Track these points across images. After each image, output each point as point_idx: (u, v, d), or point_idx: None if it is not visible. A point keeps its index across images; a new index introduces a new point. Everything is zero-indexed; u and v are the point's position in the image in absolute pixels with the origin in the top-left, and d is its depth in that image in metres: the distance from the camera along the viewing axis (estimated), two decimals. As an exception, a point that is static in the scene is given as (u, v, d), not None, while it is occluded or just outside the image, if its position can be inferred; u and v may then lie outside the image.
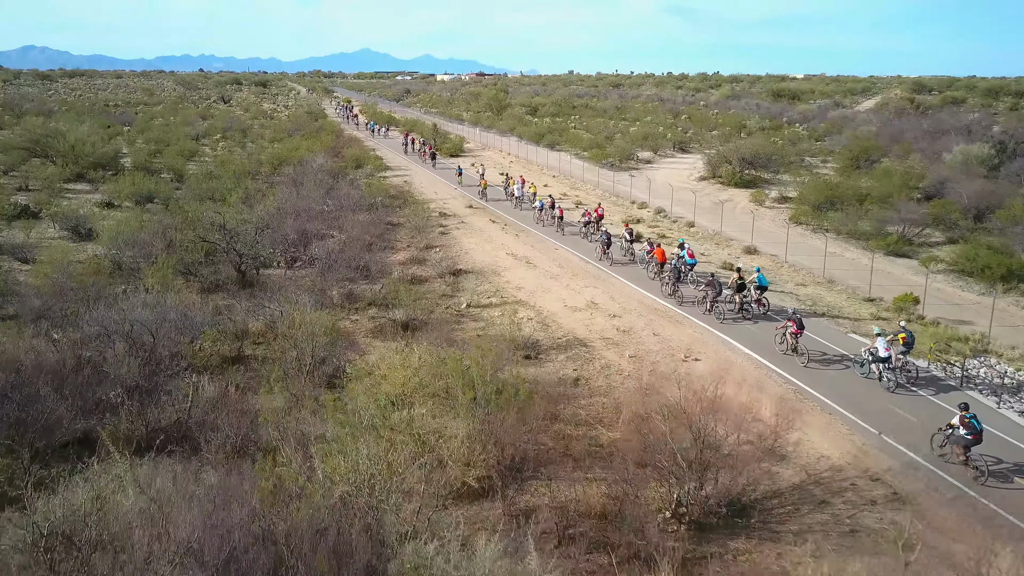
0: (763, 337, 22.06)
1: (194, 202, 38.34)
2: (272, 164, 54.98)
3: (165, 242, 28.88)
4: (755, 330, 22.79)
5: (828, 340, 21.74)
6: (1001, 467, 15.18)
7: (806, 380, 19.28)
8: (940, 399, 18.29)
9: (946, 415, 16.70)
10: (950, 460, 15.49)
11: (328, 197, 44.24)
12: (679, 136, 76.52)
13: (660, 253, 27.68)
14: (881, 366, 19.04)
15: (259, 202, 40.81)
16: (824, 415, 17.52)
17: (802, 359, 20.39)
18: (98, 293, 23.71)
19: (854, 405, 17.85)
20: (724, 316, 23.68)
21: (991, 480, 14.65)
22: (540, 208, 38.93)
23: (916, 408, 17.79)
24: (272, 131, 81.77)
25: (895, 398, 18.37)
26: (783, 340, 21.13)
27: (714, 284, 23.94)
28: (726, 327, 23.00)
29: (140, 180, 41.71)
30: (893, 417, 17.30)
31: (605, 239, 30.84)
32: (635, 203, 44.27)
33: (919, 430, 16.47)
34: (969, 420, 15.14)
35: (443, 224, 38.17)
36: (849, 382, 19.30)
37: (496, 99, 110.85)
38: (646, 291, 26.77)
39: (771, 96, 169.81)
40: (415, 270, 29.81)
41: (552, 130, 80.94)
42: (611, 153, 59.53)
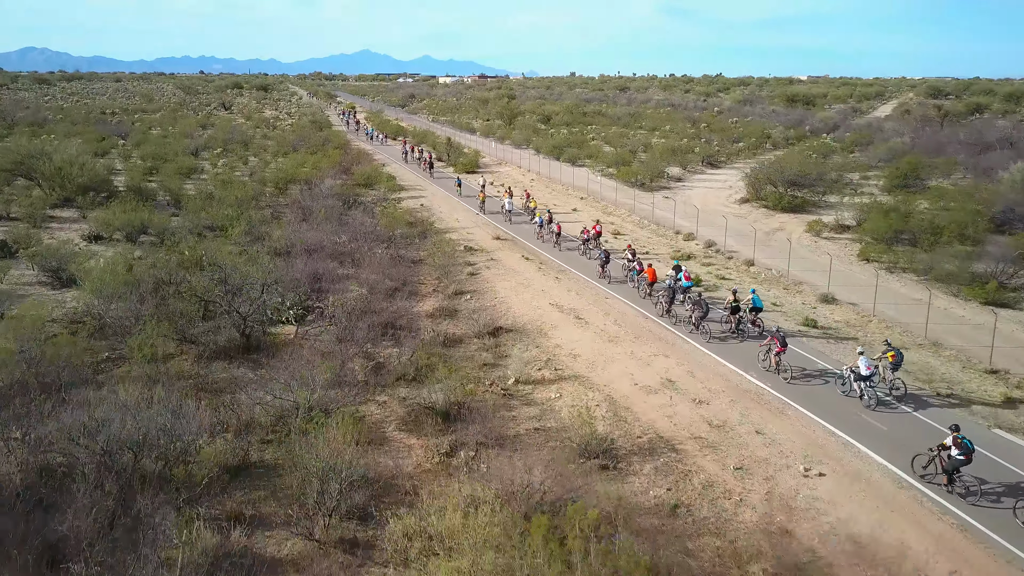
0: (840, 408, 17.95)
1: (191, 236, 34.21)
2: (277, 184, 50.86)
3: (156, 299, 24.73)
4: (828, 397, 18.67)
5: (989, 450, 17.15)
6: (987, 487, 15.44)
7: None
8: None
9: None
10: (933, 481, 15.82)
11: (341, 227, 40.14)
12: (707, 150, 72.29)
13: (651, 273, 28.32)
14: (863, 384, 19.42)
15: (264, 235, 36.74)
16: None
17: (785, 375, 21.09)
18: (72, 376, 19.58)
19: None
20: (711, 336, 24.21)
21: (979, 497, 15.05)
22: (540, 224, 38.89)
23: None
24: (275, 142, 77.68)
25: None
26: (766, 358, 21.77)
27: (701, 304, 24.54)
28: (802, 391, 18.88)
29: (131, 209, 37.53)
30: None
31: (603, 257, 31.39)
32: (679, 233, 40.04)
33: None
34: (962, 441, 15.36)
35: (470, 261, 33.99)
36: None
37: (508, 108, 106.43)
38: (721, 358, 22.64)
39: (785, 101, 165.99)
40: (447, 326, 25.63)
41: (570, 142, 76.78)
42: (640, 171, 55.33)
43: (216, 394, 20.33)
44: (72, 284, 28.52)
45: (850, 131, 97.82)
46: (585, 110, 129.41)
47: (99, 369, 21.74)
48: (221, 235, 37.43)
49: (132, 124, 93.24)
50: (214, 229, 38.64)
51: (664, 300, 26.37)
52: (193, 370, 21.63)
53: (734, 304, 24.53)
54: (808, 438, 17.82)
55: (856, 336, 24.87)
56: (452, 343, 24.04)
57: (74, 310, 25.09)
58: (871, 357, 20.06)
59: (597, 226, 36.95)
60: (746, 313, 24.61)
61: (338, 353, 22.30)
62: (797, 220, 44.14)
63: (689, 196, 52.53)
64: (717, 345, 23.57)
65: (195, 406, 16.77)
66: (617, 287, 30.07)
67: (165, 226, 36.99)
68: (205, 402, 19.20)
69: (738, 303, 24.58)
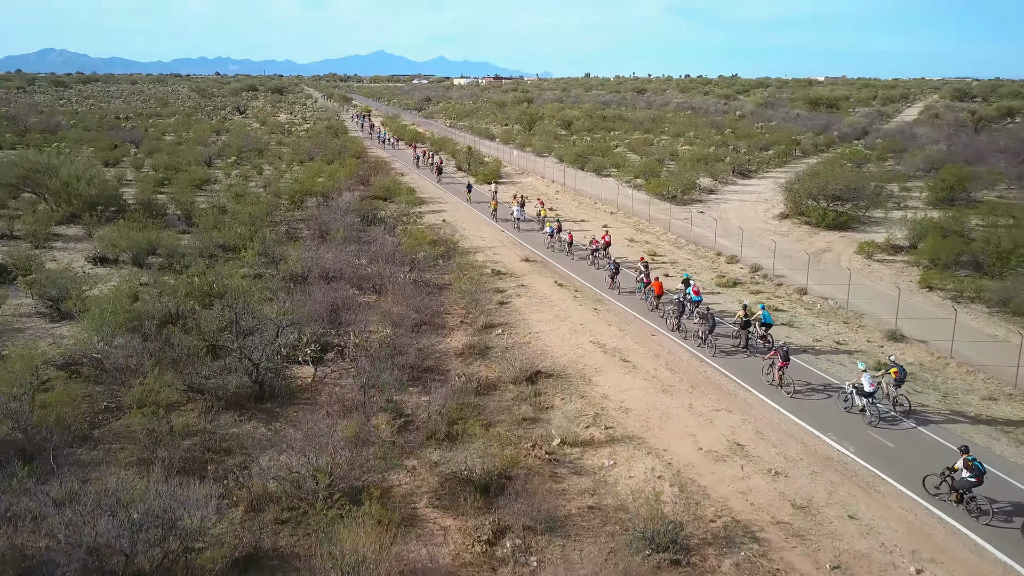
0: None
1: (202, 260, 32.06)
2: (292, 198, 48.75)
3: (161, 339, 22.53)
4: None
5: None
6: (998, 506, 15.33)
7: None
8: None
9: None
10: (945, 500, 15.77)
11: (360, 246, 37.93)
12: (737, 159, 69.46)
13: (658, 286, 28.32)
14: (865, 400, 19.42)
15: (279, 257, 34.58)
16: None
17: (787, 389, 21.18)
18: (65, 436, 17.41)
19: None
20: (717, 350, 24.27)
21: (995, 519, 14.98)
22: (551, 234, 39.02)
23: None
24: (290, 150, 75.79)
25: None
26: (769, 371, 21.95)
27: (708, 318, 24.57)
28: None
29: (139, 228, 35.51)
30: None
31: (613, 268, 31.77)
32: (721, 255, 37.37)
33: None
34: (972, 463, 15.32)
35: (500, 288, 31.59)
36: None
37: (527, 113, 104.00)
38: (793, 415, 20.11)
39: (807, 104, 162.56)
40: (479, 367, 23.24)
41: (593, 150, 74.23)
42: (671, 184, 52.70)
43: (225, 455, 18.09)
44: (72, 316, 26.43)
45: (881, 137, 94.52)
46: (605, 114, 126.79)
47: (96, 422, 19.57)
48: (234, 256, 35.39)
49: (145, 130, 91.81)
50: (227, 249, 36.59)
51: (673, 314, 26.34)
52: (199, 424, 19.38)
53: (744, 319, 24.54)
54: (910, 523, 15.25)
55: (941, 388, 22.22)
56: (486, 389, 21.63)
57: (71, 350, 22.91)
58: (873, 373, 20.26)
59: (607, 236, 36.75)
60: (756, 328, 24.70)
61: (360, 404, 19.97)
62: (844, 239, 41.38)
63: (724, 210, 49.87)
64: (794, 402, 20.87)
65: (200, 483, 14.49)
66: (647, 313, 27.59)
67: (175, 247, 34.91)
68: (212, 468, 16.96)
69: (748, 318, 24.57)
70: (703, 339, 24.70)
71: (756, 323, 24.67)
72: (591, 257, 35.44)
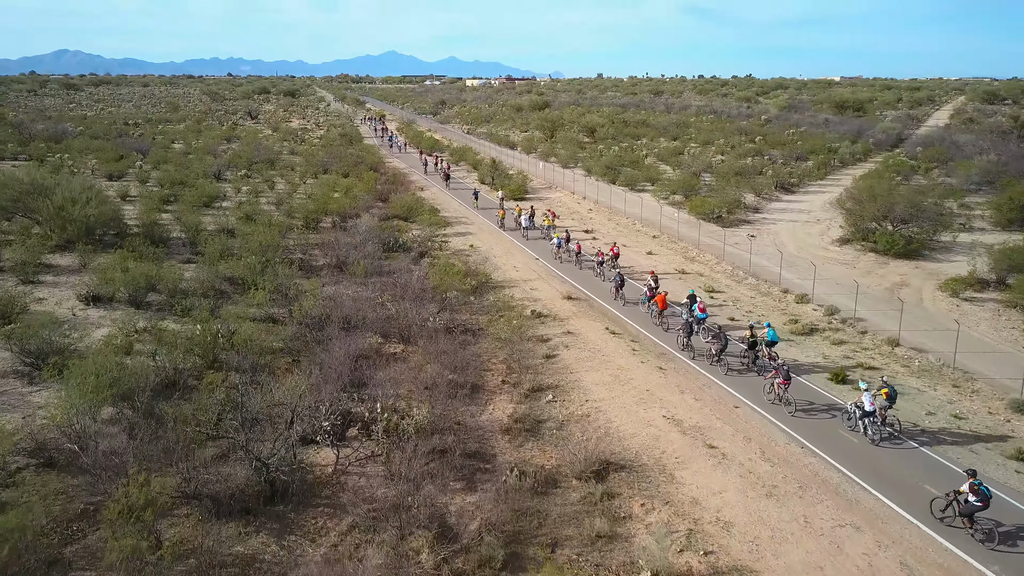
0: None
1: (206, 301, 28.30)
2: (307, 218, 45.06)
3: (153, 423, 18.76)
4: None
5: None
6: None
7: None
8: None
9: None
10: (952, 525, 15.69)
11: (382, 277, 34.22)
12: (778, 171, 65.10)
13: (661, 300, 28.53)
14: (866, 420, 19.74)
15: (292, 292, 30.83)
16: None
17: (789, 408, 21.22)
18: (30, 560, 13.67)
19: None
20: (729, 368, 24.33)
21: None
22: (558, 245, 39.29)
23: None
24: (304, 160, 72.22)
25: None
26: (771, 390, 22.03)
27: (720, 337, 24.72)
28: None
29: (137, 261, 31.90)
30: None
31: (618, 280, 31.84)
32: (788, 292, 33.17)
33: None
34: (978, 487, 15.22)
35: (543, 336, 27.62)
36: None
37: (548, 120, 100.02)
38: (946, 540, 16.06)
39: (833, 107, 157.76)
40: (531, 451, 19.34)
41: (621, 160, 70.15)
42: (715, 203, 48.52)
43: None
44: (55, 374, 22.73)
45: (920, 145, 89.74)
46: (626, 118, 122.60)
47: (69, 536, 15.82)
48: (243, 292, 31.71)
49: (153, 139, 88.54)
50: (235, 282, 32.92)
51: (683, 334, 26.11)
52: (196, 538, 15.59)
53: (751, 339, 24.59)
54: None
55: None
56: (544, 486, 17.70)
57: (45, 431, 19.15)
58: (875, 392, 20.14)
59: (615, 248, 37.16)
60: (762, 347, 24.72)
61: (393, 507, 16.08)
62: (919, 270, 37.14)
63: (775, 233, 45.69)
64: (942, 528, 16.62)
65: None
66: (724, 375, 23.62)
67: (177, 282, 31.20)
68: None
69: (755, 338, 24.66)
70: (716, 358, 24.65)
71: (762, 342, 24.72)
72: (597, 269, 35.81)
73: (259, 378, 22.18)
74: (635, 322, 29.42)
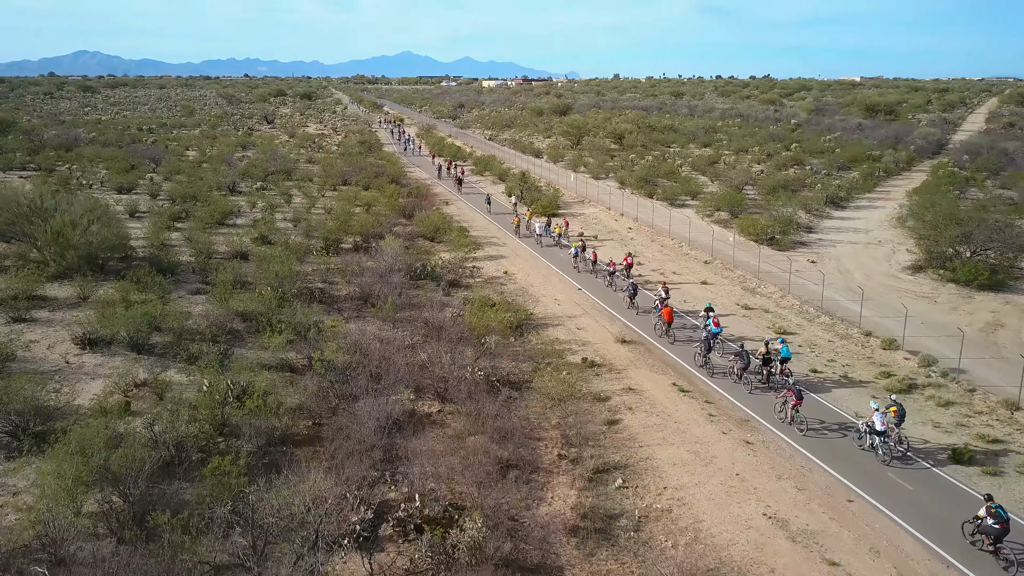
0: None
1: (213, 357, 24.88)
2: (327, 242, 41.71)
3: (144, 534, 15.35)
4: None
5: None
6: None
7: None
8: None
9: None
10: (982, 549, 15.62)
11: (412, 313, 30.78)
12: (826, 185, 60.92)
13: (667, 313, 28.49)
14: (877, 439, 19.47)
15: (312, 331, 27.43)
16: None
17: (800, 428, 21.14)
18: None
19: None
20: (753, 387, 23.97)
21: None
22: (575, 255, 39.35)
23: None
24: (322, 170, 69.06)
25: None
26: (782, 409, 21.89)
27: (743, 356, 24.33)
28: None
29: (139, 293, 28.63)
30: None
31: (631, 289, 32.41)
32: (871, 335, 29.17)
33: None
34: (995, 510, 15.29)
35: (601, 393, 23.94)
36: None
37: (574, 126, 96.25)
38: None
39: (863, 111, 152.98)
40: (606, 565, 15.72)
41: (656, 170, 66.29)
42: (768, 223, 44.56)
43: None
44: (41, 441, 19.43)
45: (964, 152, 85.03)
46: (652, 123, 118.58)
47: None
48: (257, 330, 28.39)
49: (166, 146, 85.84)
50: (249, 319, 29.59)
51: (701, 351, 25.99)
52: None
53: (766, 355, 24.38)
54: None
55: None
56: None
57: (14, 540, 15.77)
58: (884, 411, 19.87)
59: (629, 258, 37.45)
60: (776, 363, 24.48)
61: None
62: (1010, 306, 33.08)
63: (836, 257, 41.70)
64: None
65: None
66: (827, 455, 19.88)
67: (184, 322, 27.89)
68: None
69: (770, 354, 24.43)
70: (738, 377, 24.45)
71: (776, 358, 24.44)
72: (608, 279, 35.82)
73: (274, 460, 18.80)
74: (705, 376, 25.62)
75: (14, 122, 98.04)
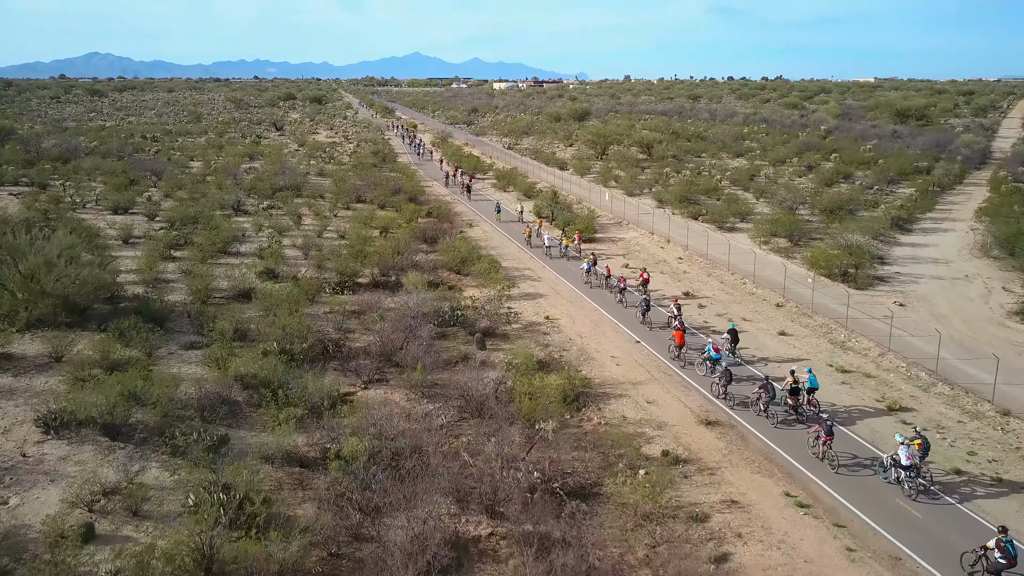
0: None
1: (205, 458, 19.92)
2: (341, 278, 36.77)
3: None
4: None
5: None
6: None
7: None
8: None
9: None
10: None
11: (443, 371, 25.81)
12: (891, 206, 55.32)
13: (679, 336, 28.08)
14: (903, 473, 18.86)
15: (329, 418, 22.47)
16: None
17: (832, 464, 20.31)
18: None
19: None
20: (777, 421, 22.99)
21: None
22: (587, 270, 38.73)
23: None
24: (334, 184, 64.25)
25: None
26: (814, 444, 20.98)
27: (768, 388, 23.35)
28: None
29: (117, 379, 23.60)
30: None
31: (644, 305, 32.13)
32: (1009, 414, 23.83)
33: None
34: (1005, 544, 14.94)
35: (695, 509, 18.72)
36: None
37: (600, 135, 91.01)
38: None
39: (893, 116, 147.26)
40: None
41: (695, 187, 60.97)
42: (842, 257, 39.09)
43: None
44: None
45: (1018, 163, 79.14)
46: (676, 130, 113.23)
47: None
48: (259, 400, 23.49)
49: (171, 155, 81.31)
50: (250, 385, 24.67)
51: (721, 382, 24.79)
52: None
53: (794, 386, 23.42)
54: None
55: None
56: None
57: None
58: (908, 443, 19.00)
59: (644, 274, 36.97)
60: (803, 393, 23.58)
61: None
62: None
63: (925, 296, 36.29)
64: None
65: None
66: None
67: (171, 396, 22.90)
68: None
69: (798, 384, 23.45)
70: (763, 409, 23.39)
71: (804, 388, 23.56)
72: (619, 295, 35.29)
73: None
74: (827, 482, 20.37)
75: (13, 131, 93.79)
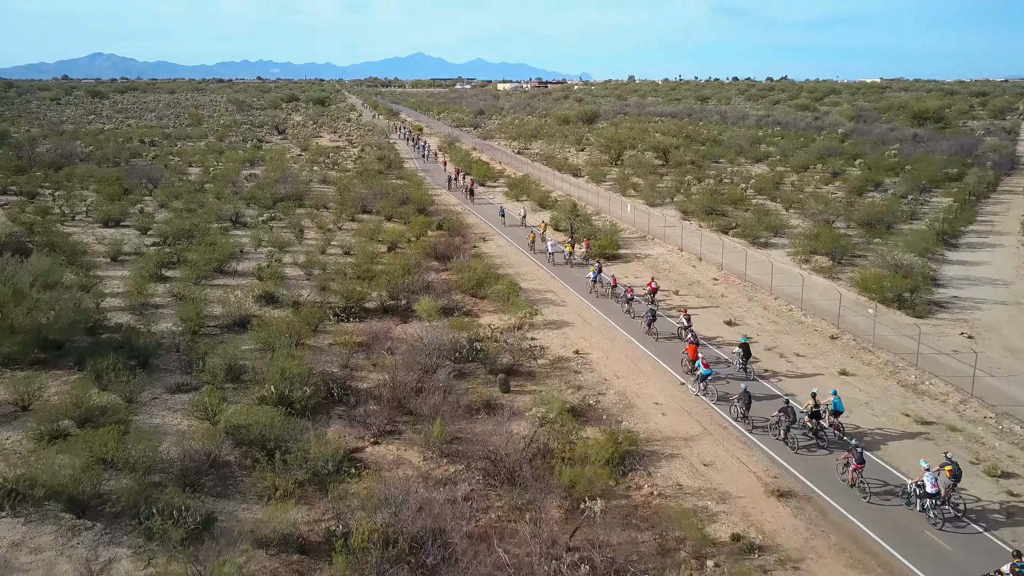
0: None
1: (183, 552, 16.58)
2: (348, 302, 33.46)
3: None
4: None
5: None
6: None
7: None
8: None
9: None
10: None
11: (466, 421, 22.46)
12: (936, 219, 51.68)
13: (692, 350, 27.30)
14: (928, 501, 18.16)
15: (334, 488, 19.14)
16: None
17: (863, 492, 19.45)
18: None
19: None
20: (798, 445, 22.01)
21: None
22: (594, 279, 37.94)
23: None
24: (338, 194, 60.99)
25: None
26: (844, 471, 20.22)
27: (788, 411, 22.49)
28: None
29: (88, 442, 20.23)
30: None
31: (651, 315, 31.65)
32: None
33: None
34: (1020, 570, 14.67)
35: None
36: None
37: (615, 140, 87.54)
38: None
39: (910, 118, 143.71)
40: None
41: (720, 196, 57.49)
42: (899, 282, 35.47)
43: None
44: None
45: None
46: (691, 133, 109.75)
47: None
48: (253, 462, 20.16)
49: (168, 161, 78.10)
50: (243, 442, 21.36)
51: (740, 405, 23.54)
52: None
53: (815, 409, 22.33)
54: None
55: None
56: None
57: None
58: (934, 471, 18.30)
59: (652, 283, 35.97)
60: (826, 417, 22.53)
61: None
62: None
63: (994, 326, 32.78)
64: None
65: None
66: None
67: (149, 462, 19.55)
68: None
69: (819, 407, 22.36)
70: (783, 436, 22.28)
71: (827, 412, 22.50)
72: (627, 305, 34.69)
73: None
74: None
75: (6, 135, 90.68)
